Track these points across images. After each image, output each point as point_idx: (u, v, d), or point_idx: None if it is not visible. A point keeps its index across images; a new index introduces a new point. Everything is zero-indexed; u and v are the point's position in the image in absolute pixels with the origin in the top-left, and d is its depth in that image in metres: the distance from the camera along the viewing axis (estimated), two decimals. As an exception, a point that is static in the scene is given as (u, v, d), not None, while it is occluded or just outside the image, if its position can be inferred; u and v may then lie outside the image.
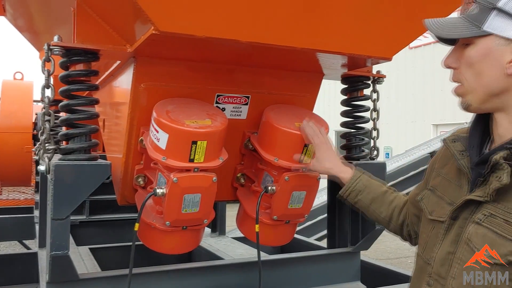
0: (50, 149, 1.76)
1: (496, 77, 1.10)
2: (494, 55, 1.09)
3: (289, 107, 2.12)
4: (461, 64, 1.16)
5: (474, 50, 1.12)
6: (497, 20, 1.08)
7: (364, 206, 1.69)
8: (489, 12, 1.08)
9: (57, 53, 1.71)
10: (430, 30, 1.16)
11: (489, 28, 1.09)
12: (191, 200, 1.80)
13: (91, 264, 2.82)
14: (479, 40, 1.11)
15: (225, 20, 1.53)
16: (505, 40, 1.08)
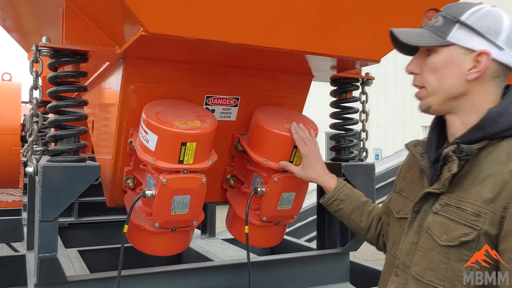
0: (38, 150, 1.75)
1: (457, 82, 1.24)
2: (456, 62, 1.23)
3: (279, 108, 2.13)
4: (424, 70, 1.29)
5: (438, 58, 1.25)
6: (459, 32, 1.22)
7: (345, 215, 1.76)
8: (453, 24, 1.23)
9: (45, 54, 1.70)
10: (400, 38, 1.26)
11: (452, 38, 1.23)
12: (181, 202, 1.80)
13: (80, 267, 2.80)
14: (442, 49, 1.24)
15: (215, 22, 1.53)
16: (465, 50, 1.22)
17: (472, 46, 1.21)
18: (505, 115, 1.19)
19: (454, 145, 1.22)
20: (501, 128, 1.19)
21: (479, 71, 1.21)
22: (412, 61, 1.33)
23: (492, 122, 1.20)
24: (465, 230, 1.17)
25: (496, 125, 1.19)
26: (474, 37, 1.21)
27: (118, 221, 4.29)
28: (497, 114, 1.20)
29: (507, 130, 1.19)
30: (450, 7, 1.27)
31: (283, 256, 2.42)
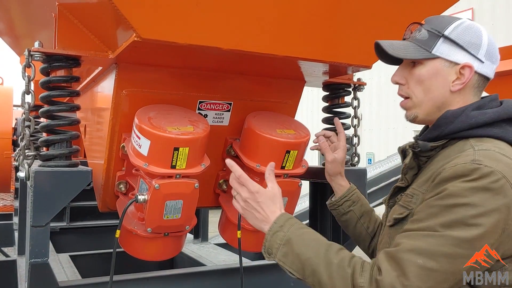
0: (30, 155, 1.74)
1: (442, 92, 1.31)
2: (441, 74, 1.30)
3: (271, 113, 2.14)
4: (410, 81, 1.35)
5: (424, 70, 1.31)
6: (443, 46, 1.29)
7: (354, 218, 1.75)
8: (437, 38, 1.29)
9: (37, 59, 1.70)
10: (387, 51, 1.32)
11: (437, 52, 1.29)
12: (173, 207, 1.80)
13: (71, 272, 2.79)
14: (428, 62, 1.31)
15: (207, 28, 1.54)
16: (450, 63, 1.29)
17: (456, 59, 1.28)
18: (461, 117, 1.25)
19: (413, 141, 1.36)
20: (455, 128, 1.26)
21: (463, 83, 1.28)
22: (397, 72, 1.39)
23: (447, 122, 1.27)
24: (401, 210, 1.31)
25: (451, 125, 1.26)
26: (457, 50, 1.28)
27: (110, 226, 4.28)
28: (453, 115, 1.27)
29: (462, 130, 1.25)
30: (432, 21, 1.34)
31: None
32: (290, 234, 1.32)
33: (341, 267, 1.19)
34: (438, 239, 1.10)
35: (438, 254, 1.09)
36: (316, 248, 1.26)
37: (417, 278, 1.08)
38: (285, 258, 1.30)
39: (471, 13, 11.21)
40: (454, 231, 1.08)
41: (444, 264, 1.08)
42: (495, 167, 1.11)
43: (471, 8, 11.18)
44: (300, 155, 2.02)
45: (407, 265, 1.10)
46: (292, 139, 1.96)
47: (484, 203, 1.08)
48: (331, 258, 1.22)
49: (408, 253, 1.11)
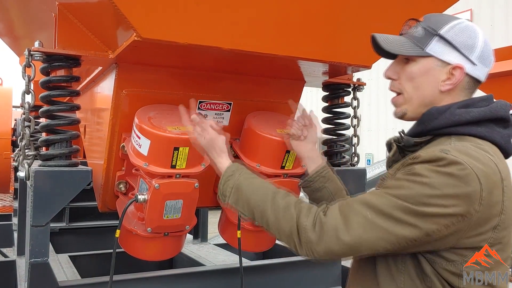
0: (30, 155, 1.74)
1: (431, 91, 1.30)
2: (432, 73, 1.29)
3: (271, 114, 2.14)
4: (402, 77, 1.35)
5: (416, 67, 1.31)
6: (437, 45, 1.28)
7: (328, 194, 1.70)
8: (432, 37, 1.29)
9: (38, 59, 1.70)
10: (382, 45, 1.32)
11: (430, 50, 1.28)
12: (173, 206, 1.80)
13: (71, 272, 2.78)
14: (420, 59, 1.30)
15: (207, 28, 1.54)
16: (442, 62, 1.28)
17: (448, 59, 1.28)
18: (445, 114, 1.25)
19: (398, 136, 1.36)
20: (439, 125, 1.26)
21: (452, 84, 1.28)
22: (390, 67, 1.38)
23: (431, 118, 1.27)
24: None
25: (435, 121, 1.26)
26: (451, 51, 1.28)
27: (109, 227, 4.27)
28: (437, 112, 1.27)
29: (446, 127, 1.25)
30: (430, 19, 1.33)
31: (275, 261, 2.43)
32: (240, 181, 1.41)
33: (287, 209, 1.28)
34: (392, 202, 1.15)
35: (386, 213, 1.14)
36: (264, 193, 1.35)
37: (360, 226, 1.15)
38: (236, 203, 1.39)
39: (470, 14, 11.22)
40: (408, 203, 1.13)
41: (389, 225, 1.14)
42: (462, 158, 1.13)
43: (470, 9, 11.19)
44: (300, 155, 2.02)
45: (354, 213, 1.17)
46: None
47: (443, 187, 1.11)
48: (278, 201, 1.30)
49: (360, 205, 1.19)
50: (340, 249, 1.18)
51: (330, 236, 1.18)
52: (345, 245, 1.17)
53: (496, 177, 1.16)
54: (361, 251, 1.18)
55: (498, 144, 1.25)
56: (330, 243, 1.18)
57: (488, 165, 1.15)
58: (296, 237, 1.24)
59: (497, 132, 1.25)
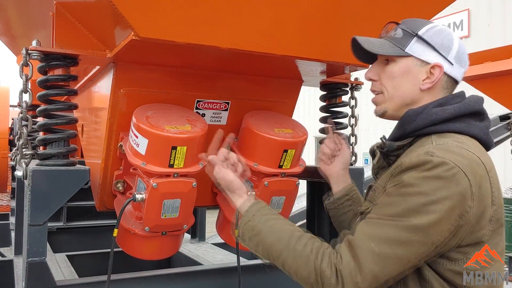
0: (28, 154, 1.74)
1: (411, 90, 1.34)
2: (412, 72, 1.34)
3: (269, 113, 2.14)
4: (382, 77, 1.39)
5: (396, 67, 1.35)
6: (416, 45, 1.33)
7: (353, 216, 1.69)
8: (411, 37, 1.33)
9: (35, 58, 1.70)
10: (364, 46, 1.35)
11: (410, 50, 1.33)
12: (171, 206, 1.80)
13: (69, 271, 2.78)
14: (400, 59, 1.35)
15: (205, 27, 1.54)
16: (421, 62, 1.33)
17: (427, 59, 1.33)
18: (422, 114, 1.29)
19: (380, 142, 1.40)
20: (418, 126, 1.29)
21: (432, 82, 1.32)
22: (371, 69, 1.43)
23: (409, 121, 1.31)
24: (368, 205, 1.37)
25: (413, 123, 1.30)
26: (429, 51, 1.32)
27: (107, 226, 4.27)
28: (414, 114, 1.31)
29: (424, 127, 1.29)
30: (408, 22, 1.38)
31: (273, 260, 2.43)
32: (259, 225, 1.38)
33: (305, 252, 1.25)
34: (392, 226, 1.16)
35: (392, 241, 1.15)
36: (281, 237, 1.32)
37: (370, 262, 1.15)
38: (256, 247, 1.38)
39: (467, 14, 11.24)
40: (407, 219, 1.14)
41: (397, 250, 1.14)
42: (447, 157, 1.15)
43: (467, 9, 11.20)
44: (297, 154, 2.02)
45: (362, 251, 1.17)
46: (289, 138, 1.96)
47: (435, 191, 1.13)
48: (296, 245, 1.28)
49: (363, 240, 1.18)
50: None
51: (349, 282, 1.16)
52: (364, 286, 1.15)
53: (482, 170, 1.19)
54: (382, 283, 1.17)
55: (477, 137, 1.29)
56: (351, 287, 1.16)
57: (472, 159, 1.18)
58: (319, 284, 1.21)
59: (475, 126, 1.29)
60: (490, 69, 4.06)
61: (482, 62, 4.13)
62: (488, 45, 8.28)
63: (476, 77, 4.14)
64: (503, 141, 5.55)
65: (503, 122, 5.48)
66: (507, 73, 3.98)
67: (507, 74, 3.99)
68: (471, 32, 11.17)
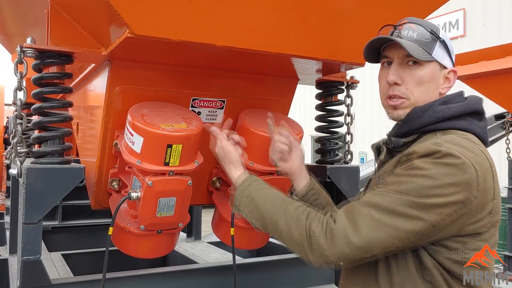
0: (22, 152, 1.73)
1: (434, 95, 1.36)
2: (436, 77, 1.35)
3: (264, 111, 2.13)
4: (408, 81, 1.35)
5: (424, 72, 1.34)
6: (439, 49, 1.34)
7: (320, 207, 1.63)
8: (436, 41, 1.34)
9: (30, 55, 1.69)
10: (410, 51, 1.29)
11: (435, 55, 1.33)
12: (166, 204, 1.79)
13: (64, 270, 2.77)
14: (426, 63, 1.33)
15: (201, 25, 1.54)
16: (441, 66, 1.35)
17: (445, 63, 1.35)
18: (429, 112, 1.31)
19: (386, 138, 1.42)
20: (424, 122, 1.31)
21: (449, 87, 1.37)
22: (394, 73, 1.36)
23: (416, 117, 1.32)
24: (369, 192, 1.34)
25: (420, 120, 1.32)
26: (446, 55, 1.35)
27: (102, 225, 4.26)
28: (421, 111, 1.32)
29: (430, 124, 1.31)
30: (424, 23, 1.36)
31: (268, 258, 2.43)
32: (254, 192, 1.44)
33: (298, 218, 1.30)
34: (395, 198, 1.18)
35: (392, 211, 1.17)
36: (277, 204, 1.37)
37: (368, 227, 1.18)
38: (251, 213, 1.43)
39: (463, 13, 11.27)
40: (411, 197, 1.17)
41: (396, 221, 1.17)
42: (455, 149, 1.19)
43: (463, 9, 11.24)
44: (293, 152, 2.02)
45: (361, 215, 1.20)
46: (285, 136, 1.96)
47: (442, 177, 1.16)
48: (290, 211, 1.33)
49: (365, 206, 1.21)
50: (351, 252, 1.19)
51: (341, 240, 1.19)
52: (356, 247, 1.18)
53: (487, 164, 1.22)
54: (373, 251, 1.19)
55: (477, 134, 1.32)
56: (341, 247, 1.19)
57: (478, 153, 1.22)
58: (308, 245, 1.25)
59: (475, 124, 1.33)
60: (485, 68, 4.07)
61: (478, 61, 4.15)
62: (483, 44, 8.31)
63: (472, 76, 4.15)
64: (498, 140, 5.58)
65: (499, 121, 5.51)
66: (502, 72, 3.99)
67: (502, 73, 4.00)
68: (466, 32, 11.21)
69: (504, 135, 5.35)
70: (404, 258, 1.25)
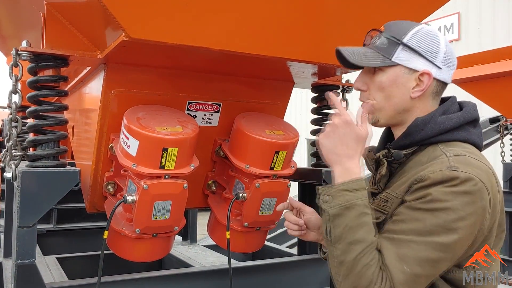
0: (17, 155, 1.72)
1: (402, 99, 1.32)
2: (401, 81, 1.31)
3: (260, 115, 2.14)
4: (371, 88, 1.35)
5: (385, 77, 1.32)
6: (403, 53, 1.29)
7: None
8: (397, 46, 1.30)
9: (25, 58, 1.69)
10: (348, 58, 1.31)
11: (397, 59, 1.29)
12: (162, 207, 1.79)
13: (58, 274, 2.76)
14: (388, 69, 1.31)
15: (197, 28, 1.54)
16: (409, 70, 1.30)
17: (415, 66, 1.29)
18: (430, 123, 1.29)
19: (385, 150, 1.36)
20: (426, 135, 1.29)
21: (422, 90, 1.30)
22: (359, 79, 1.38)
23: (418, 130, 1.30)
24: (377, 215, 1.30)
25: (422, 132, 1.29)
26: (416, 57, 1.29)
27: (97, 228, 4.24)
28: (422, 123, 1.30)
29: (432, 137, 1.29)
30: (391, 27, 1.34)
31: (264, 262, 2.43)
32: (352, 205, 1.21)
33: (369, 266, 1.16)
34: (422, 245, 1.14)
35: (423, 261, 1.13)
36: (366, 234, 1.19)
37: (403, 283, 1.13)
38: (335, 218, 1.21)
39: (458, 17, 11.33)
40: (436, 237, 1.13)
41: (427, 269, 1.14)
42: (471, 172, 1.16)
43: (458, 12, 11.29)
44: (289, 156, 2.03)
45: (395, 273, 1.14)
46: (281, 140, 1.97)
47: (464, 207, 1.13)
48: (366, 257, 1.17)
49: (394, 262, 1.15)
50: None
51: None
52: None
53: (494, 180, 1.22)
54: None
55: (476, 144, 1.31)
56: None
57: (488, 172, 1.21)
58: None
59: (473, 133, 1.31)
60: (480, 72, 4.10)
61: (472, 65, 4.17)
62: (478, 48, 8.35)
63: (466, 80, 4.17)
64: (493, 144, 5.61)
65: (493, 125, 5.54)
66: (497, 76, 4.02)
67: (496, 77, 4.02)
68: (461, 35, 11.26)
69: (498, 139, 5.38)
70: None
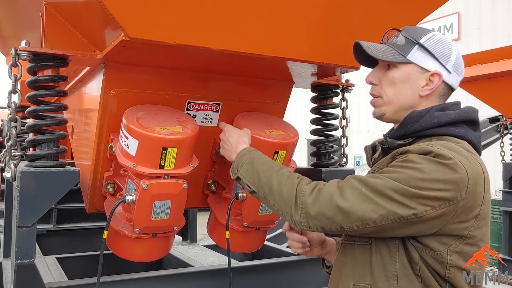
0: (17, 155, 1.72)
1: (410, 96, 1.40)
2: (412, 79, 1.40)
3: (260, 114, 2.14)
4: (383, 82, 1.45)
5: (398, 73, 1.41)
6: (418, 53, 1.39)
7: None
8: (413, 45, 1.39)
9: (24, 58, 1.69)
10: (367, 50, 1.40)
11: (411, 58, 1.39)
12: (161, 207, 1.79)
13: (58, 274, 2.76)
14: (402, 66, 1.40)
15: (196, 28, 1.54)
16: (421, 69, 1.39)
17: (427, 66, 1.39)
18: (426, 117, 1.36)
19: (382, 138, 1.48)
20: (420, 127, 1.36)
21: (431, 89, 1.39)
22: (372, 73, 1.48)
23: (412, 121, 1.37)
24: None
25: (416, 124, 1.36)
26: (429, 58, 1.38)
27: (97, 228, 4.24)
28: (418, 115, 1.37)
29: (427, 129, 1.36)
30: (409, 29, 1.44)
31: (264, 262, 2.43)
32: (254, 156, 1.55)
33: (290, 177, 1.39)
34: (385, 181, 1.24)
35: (379, 190, 1.23)
36: (273, 166, 1.47)
37: (354, 196, 1.25)
38: (246, 173, 1.51)
39: (457, 17, 11.33)
40: (398, 182, 1.22)
41: (380, 199, 1.22)
42: (450, 153, 1.23)
43: (457, 12, 11.30)
44: (288, 155, 2.03)
45: (351, 186, 1.27)
46: (280, 139, 1.97)
47: (432, 172, 1.21)
48: (284, 172, 1.43)
49: (355, 180, 1.29)
50: (332, 213, 1.25)
51: (325, 200, 1.27)
52: (337, 209, 1.25)
53: (479, 169, 1.26)
54: (351, 220, 1.24)
55: (472, 143, 1.36)
56: (324, 206, 1.27)
57: (471, 159, 1.26)
58: (293, 201, 1.32)
59: (471, 133, 1.37)
60: (479, 72, 4.10)
61: (472, 64, 4.17)
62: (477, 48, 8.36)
63: (466, 80, 4.17)
64: (492, 143, 5.61)
65: (493, 124, 5.54)
66: (496, 76, 4.02)
67: (496, 76, 4.03)
68: (461, 35, 11.27)
69: (498, 138, 5.38)
70: (397, 251, 1.29)
